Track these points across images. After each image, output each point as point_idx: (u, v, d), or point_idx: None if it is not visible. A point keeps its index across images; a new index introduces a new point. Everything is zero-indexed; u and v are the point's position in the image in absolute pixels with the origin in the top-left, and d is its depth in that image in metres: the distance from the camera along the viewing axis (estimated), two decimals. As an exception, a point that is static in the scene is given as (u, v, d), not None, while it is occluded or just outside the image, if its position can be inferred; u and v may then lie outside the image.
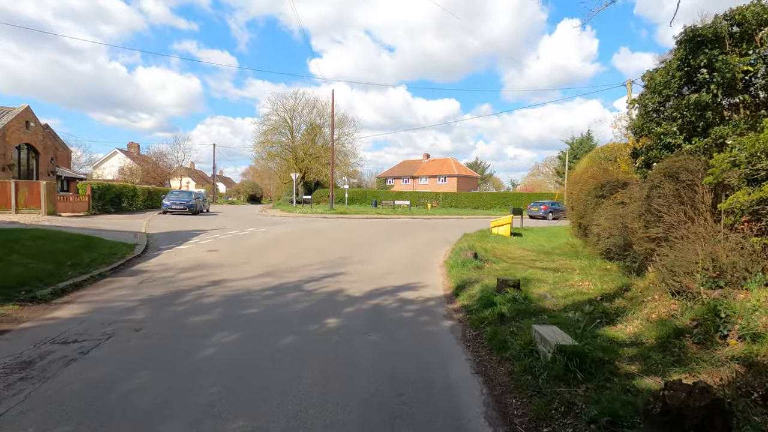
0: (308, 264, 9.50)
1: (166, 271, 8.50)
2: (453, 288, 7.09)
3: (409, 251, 12.07)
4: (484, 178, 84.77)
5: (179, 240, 13.05)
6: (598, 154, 13.23)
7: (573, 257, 9.15)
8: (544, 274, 7.33)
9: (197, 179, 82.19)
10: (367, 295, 6.74)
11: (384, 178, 72.65)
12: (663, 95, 6.29)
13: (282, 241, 13.59)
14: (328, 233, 16.46)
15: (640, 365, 3.55)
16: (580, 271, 7.15)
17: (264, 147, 55.04)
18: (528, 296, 5.66)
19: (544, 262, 8.69)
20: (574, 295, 5.71)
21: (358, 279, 8.04)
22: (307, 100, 55.30)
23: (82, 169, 54.80)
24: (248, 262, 9.68)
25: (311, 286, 7.30)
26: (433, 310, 5.98)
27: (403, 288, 7.35)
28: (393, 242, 14.02)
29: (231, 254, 10.69)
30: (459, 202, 50.73)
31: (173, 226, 17.67)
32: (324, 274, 8.43)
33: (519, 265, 8.43)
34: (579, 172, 12.57)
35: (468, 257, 8.70)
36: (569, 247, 11.13)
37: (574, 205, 11.87)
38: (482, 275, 7.52)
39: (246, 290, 6.96)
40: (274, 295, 6.69)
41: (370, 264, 9.80)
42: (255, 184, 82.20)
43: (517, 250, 10.86)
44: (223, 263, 9.40)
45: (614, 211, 6.36)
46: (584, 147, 43.58)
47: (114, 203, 23.62)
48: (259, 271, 8.56)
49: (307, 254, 10.92)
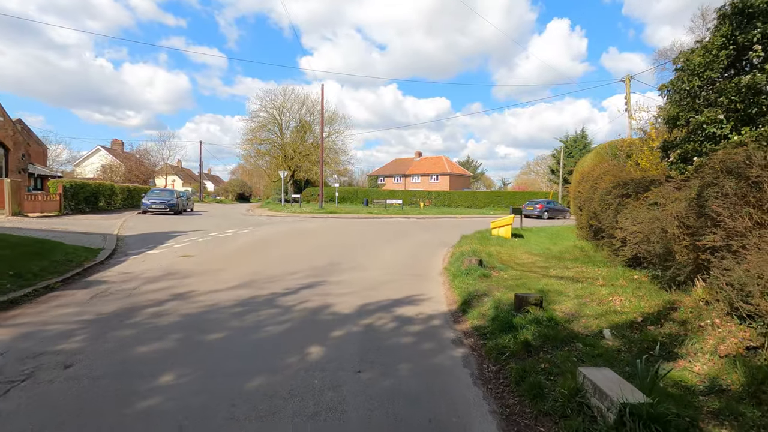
0: (292, 272, 8.44)
1: (127, 281, 7.39)
2: (459, 302, 6.10)
3: (405, 255, 11.07)
4: (476, 177, 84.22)
5: (152, 243, 11.89)
6: (606, 150, 12.36)
7: (588, 263, 8.22)
8: (562, 285, 6.37)
9: (185, 177, 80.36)
10: (358, 312, 5.71)
11: (375, 176, 71.59)
12: (704, 78, 5.38)
13: (265, 244, 12.49)
14: (316, 235, 15.38)
15: (734, 428, 2.58)
16: (605, 282, 6.20)
17: (252, 144, 53.61)
18: (553, 317, 4.69)
19: (557, 269, 7.75)
20: (607, 315, 4.74)
21: (348, 290, 7.01)
22: (297, 97, 54.02)
23: (62, 166, 52.89)
24: (224, 269, 8.59)
25: (293, 301, 6.25)
26: (438, 332, 4.97)
27: (400, 302, 6.34)
28: (386, 245, 13.00)
29: (206, 260, 9.58)
30: (452, 201, 49.89)
31: (150, 227, 16.45)
32: (309, 284, 7.39)
33: (531, 274, 7.47)
34: (587, 170, 11.68)
35: (472, 264, 7.72)
36: (579, 251, 10.22)
37: (583, 204, 10.96)
38: (491, 286, 6.53)
39: (215, 306, 5.89)
40: (248, 312, 5.63)
41: (361, 271, 8.77)
42: (244, 183, 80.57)
43: (523, 254, 9.92)
44: (196, 271, 8.30)
45: (649, 213, 5.41)
46: (578, 145, 42.99)
47: (89, 202, 22.24)
48: (235, 281, 7.48)
49: (292, 260, 9.85)
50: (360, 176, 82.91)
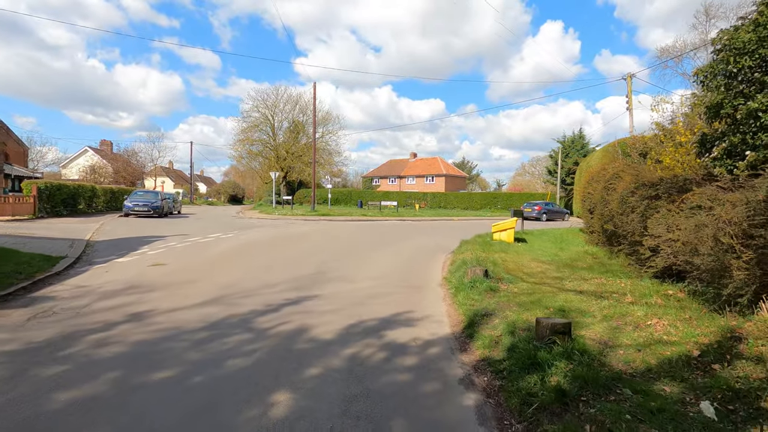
0: (273, 283, 7.46)
1: (79, 297, 6.38)
2: (464, 324, 5.15)
3: (399, 262, 10.12)
4: (471, 178, 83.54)
5: (124, 250, 10.85)
6: (615, 149, 11.50)
7: (605, 273, 7.32)
8: (584, 302, 5.45)
9: (176, 179, 79.00)
10: (342, 338, 4.76)
11: (370, 177, 70.65)
12: (756, 57, 4.49)
13: (248, 250, 11.49)
14: (305, 239, 14.39)
15: None
16: (635, 300, 5.28)
17: (244, 145, 52.51)
18: (586, 349, 3.76)
19: (573, 281, 6.83)
20: (652, 346, 3.82)
21: (333, 307, 6.05)
22: (290, 97, 53.01)
23: (48, 167, 51.49)
24: (196, 280, 7.60)
25: (267, 322, 5.28)
26: (441, 366, 4.03)
27: (393, 322, 5.39)
28: (379, 250, 12.05)
29: (179, 269, 8.58)
30: (448, 203, 49.05)
31: (128, 231, 15.39)
32: (290, 299, 6.42)
33: (544, 286, 6.55)
34: (596, 169, 10.81)
35: (477, 275, 6.78)
36: (591, 258, 9.32)
37: (595, 207, 10.07)
38: (501, 303, 5.60)
39: (174, 330, 4.91)
40: (212, 339, 4.65)
41: (350, 281, 7.82)
42: (236, 184, 79.32)
43: (530, 262, 9.00)
44: (164, 283, 7.31)
45: (691, 219, 4.50)
46: (576, 146, 42.28)
47: (67, 205, 21.08)
48: (205, 296, 6.50)
49: (275, 269, 8.86)
50: (354, 178, 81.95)
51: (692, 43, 28.16)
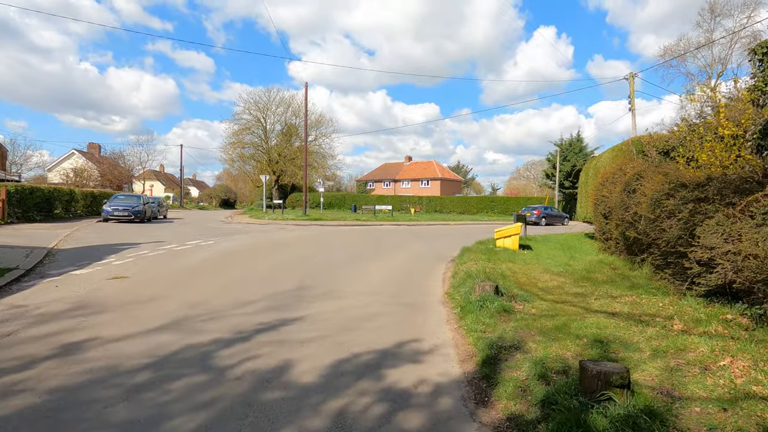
0: (248, 301, 6.40)
1: (8, 321, 5.27)
2: (478, 360, 4.11)
3: (395, 273, 9.08)
4: (467, 182, 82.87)
5: (88, 260, 9.72)
6: (629, 147, 10.57)
7: (633, 289, 6.32)
8: (621, 329, 4.44)
9: (167, 183, 77.56)
10: (326, 381, 3.70)
11: (364, 181, 69.68)
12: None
13: (227, 260, 10.40)
14: (293, 247, 13.30)
15: None
16: (687, 327, 4.28)
17: (235, 148, 51.31)
18: (653, 409, 2.73)
19: (599, 299, 5.82)
20: (740, 402, 2.82)
21: (317, 333, 4.99)
22: (282, 99, 51.95)
23: (32, 171, 49.99)
24: (159, 297, 6.52)
25: (232, 357, 4.21)
26: (455, 429, 2.99)
27: (390, 355, 4.35)
28: (373, 260, 11.01)
29: (142, 283, 7.48)
30: (443, 207, 48.16)
31: (100, 238, 14.22)
32: (265, 323, 5.35)
33: (566, 306, 5.54)
34: (609, 170, 9.86)
35: (487, 292, 5.76)
36: (609, 268, 8.34)
37: (611, 211, 9.11)
38: (520, 331, 4.58)
39: (107, 371, 3.84)
40: (152, 384, 3.58)
41: (339, 298, 6.77)
42: (228, 188, 77.99)
43: (543, 273, 8.00)
44: (119, 302, 6.22)
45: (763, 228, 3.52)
46: (574, 148, 41.53)
47: (42, 209, 19.82)
48: (164, 318, 5.42)
49: (254, 283, 7.79)
50: (349, 181, 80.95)
51: (695, 42, 27.56)
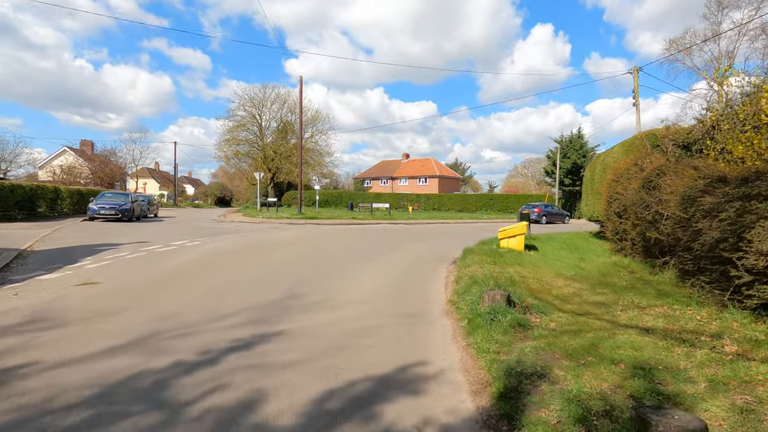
0: (227, 313, 5.66)
1: (-58, 339, 4.52)
2: (494, 391, 3.39)
3: (393, 278, 8.36)
4: (465, 180, 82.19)
5: (59, 263, 8.95)
6: (642, 141, 9.87)
7: (661, 297, 5.62)
8: (661, 350, 3.74)
9: (162, 180, 76.52)
10: (306, 425, 2.97)
11: (361, 179, 68.88)
12: None
13: (211, 263, 9.64)
14: (284, 248, 12.55)
15: None
16: (741, 349, 3.58)
17: (230, 145, 50.46)
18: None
19: (626, 310, 5.11)
20: None
21: (301, 354, 4.26)
22: (278, 95, 51.12)
23: (21, 168, 49.01)
24: (126, 308, 5.77)
25: (194, 388, 3.47)
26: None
27: (387, 384, 3.62)
28: (368, 262, 10.27)
29: (112, 291, 6.73)
30: (442, 205, 47.46)
31: (81, 238, 13.43)
32: (241, 340, 4.61)
33: (589, 319, 4.82)
34: (625, 165, 9.14)
35: (497, 302, 5.05)
36: (626, 272, 7.64)
37: (625, 210, 8.41)
38: (541, 351, 3.86)
39: (36, 407, 3.09)
40: (89, 426, 2.84)
41: (330, 308, 6.04)
42: (224, 186, 77.03)
43: (555, 278, 7.28)
44: (80, 314, 5.47)
45: None
46: (575, 145, 40.81)
47: (24, 208, 18.99)
48: (125, 335, 4.68)
49: (235, 290, 7.05)
50: (346, 179, 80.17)
51: (702, 34, 26.81)
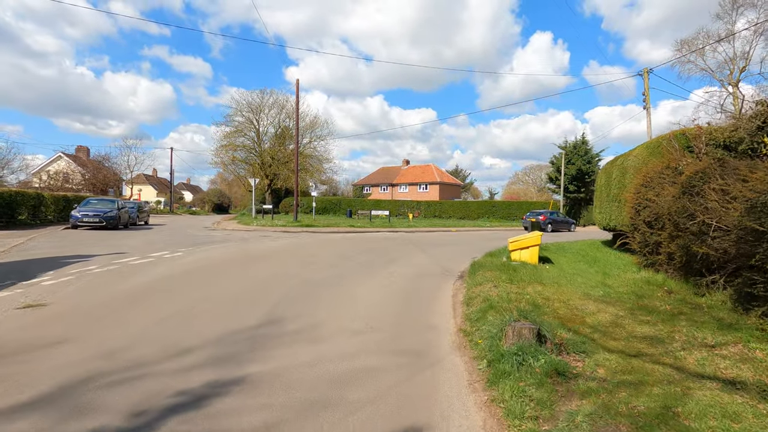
0: (185, 347, 4.58)
1: None
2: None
3: (391, 298, 7.28)
4: (465, 187, 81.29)
5: (14, 278, 7.89)
6: (671, 142, 8.84)
7: (722, 327, 4.54)
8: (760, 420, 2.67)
9: (159, 187, 75.65)
10: None
11: (361, 185, 67.92)
12: None
13: (186, 279, 8.56)
14: (272, 261, 11.47)
15: None
16: None
17: (227, 151, 49.53)
18: None
19: (692, 350, 4.02)
20: None
21: (268, 419, 3.18)
22: (276, 100, 50.30)
23: (14, 175, 48.10)
24: (68, 340, 4.70)
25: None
26: None
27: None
28: (365, 276, 9.20)
29: (57, 316, 5.66)
30: (443, 212, 46.42)
31: (55, 248, 12.36)
32: (192, 393, 3.53)
33: (646, 363, 3.74)
34: (655, 169, 8.09)
35: (525, 338, 3.98)
36: (663, 292, 6.56)
37: (658, 219, 7.35)
38: (598, 420, 2.79)
39: None
40: None
41: (315, 340, 4.96)
42: (222, 193, 76.10)
43: (582, 299, 6.20)
44: (7, 348, 4.39)
45: None
46: (579, 151, 39.85)
47: (3, 215, 17.96)
48: (47, 383, 3.60)
49: (206, 315, 5.96)
50: (345, 186, 79.29)
51: (716, 34, 25.82)
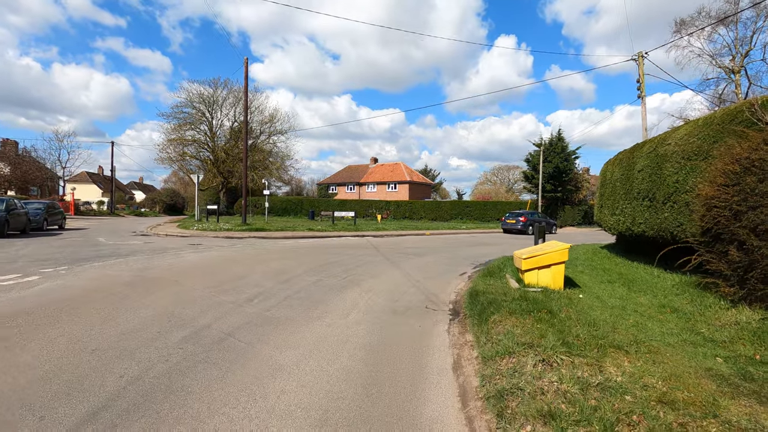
0: None
1: None
2: None
3: (349, 364, 4.00)
4: (435, 187, 79.19)
5: None
6: (755, 114, 6.12)
7: None
8: None
9: (106, 186, 69.13)
10: None
11: (326, 184, 64.17)
12: None
13: (37, 325, 4.93)
14: (173, 287, 7.86)
15: None
16: None
17: (175, 146, 44.69)
18: None
19: None
20: None
21: None
22: (231, 91, 45.81)
23: None
24: None
25: None
26: None
27: None
28: (309, 313, 5.87)
29: None
30: (414, 213, 43.59)
31: None
32: None
33: None
34: (743, 154, 5.29)
35: None
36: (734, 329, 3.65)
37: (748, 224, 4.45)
38: None
39: None
40: None
41: None
42: (175, 192, 70.22)
43: (708, 383, 3.16)
44: None
45: None
46: (556, 149, 38.10)
47: None
48: None
49: None
50: (311, 186, 75.30)
51: (716, 13, 23.75)
